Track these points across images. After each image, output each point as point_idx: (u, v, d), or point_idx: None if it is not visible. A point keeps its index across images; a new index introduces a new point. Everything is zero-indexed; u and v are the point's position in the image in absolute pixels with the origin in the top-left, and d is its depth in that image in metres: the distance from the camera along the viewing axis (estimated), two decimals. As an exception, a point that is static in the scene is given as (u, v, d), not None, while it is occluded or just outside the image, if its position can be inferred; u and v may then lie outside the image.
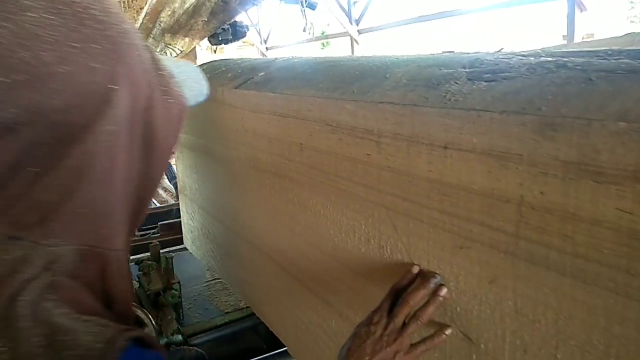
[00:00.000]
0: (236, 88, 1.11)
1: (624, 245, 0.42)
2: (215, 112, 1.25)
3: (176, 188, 2.58)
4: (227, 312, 1.59)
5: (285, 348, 1.20)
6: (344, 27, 9.20)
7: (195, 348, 1.40)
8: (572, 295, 0.48)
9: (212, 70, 1.33)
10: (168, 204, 3.14)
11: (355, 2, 8.78)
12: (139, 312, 1.24)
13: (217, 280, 1.86)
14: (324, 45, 12.09)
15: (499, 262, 0.55)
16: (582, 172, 0.44)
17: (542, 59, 0.59)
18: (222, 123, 1.22)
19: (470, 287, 0.59)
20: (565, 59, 0.56)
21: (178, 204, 2.00)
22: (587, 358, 0.47)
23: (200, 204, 1.53)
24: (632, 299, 0.42)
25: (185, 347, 1.39)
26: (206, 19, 1.05)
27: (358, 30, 9.20)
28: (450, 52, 0.82)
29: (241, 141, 1.14)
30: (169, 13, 1.22)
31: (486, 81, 0.58)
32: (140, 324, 1.25)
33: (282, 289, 1.11)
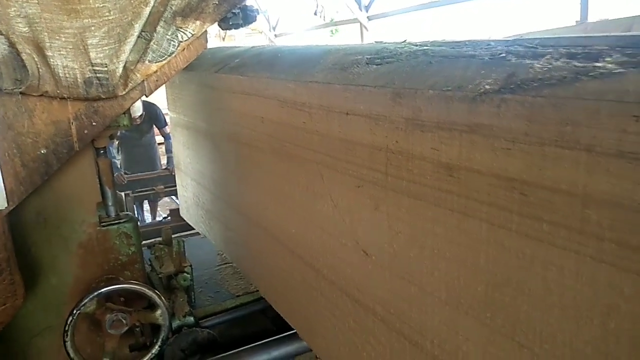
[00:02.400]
0: (216, 72, 1.33)
1: (436, 172, 0.64)
2: (201, 94, 1.48)
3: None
4: (237, 296, 1.67)
5: (295, 331, 1.26)
6: (353, 13, 9.27)
7: (207, 330, 1.47)
8: (416, 211, 0.69)
9: (200, 57, 1.55)
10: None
11: (364, -12, 8.82)
12: (152, 294, 1.27)
13: (227, 265, 1.89)
14: (332, 33, 12.10)
15: (378, 194, 0.76)
16: (414, 125, 0.66)
17: (423, 48, 0.80)
18: (206, 103, 1.45)
19: (365, 215, 0.81)
20: (433, 48, 0.77)
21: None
22: (423, 253, 0.69)
23: (192, 176, 1.76)
24: (441, 207, 0.64)
25: (197, 329, 1.45)
26: (217, 2, 1.19)
27: (368, 17, 9.28)
28: (380, 41, 1.02)
29: (221, 118, 1.36)
30: (180, -5, 1.37)
31: (376, 65, 0.79)
32: (153, 305, 1.29)
33: (255, 241, 1.34)
